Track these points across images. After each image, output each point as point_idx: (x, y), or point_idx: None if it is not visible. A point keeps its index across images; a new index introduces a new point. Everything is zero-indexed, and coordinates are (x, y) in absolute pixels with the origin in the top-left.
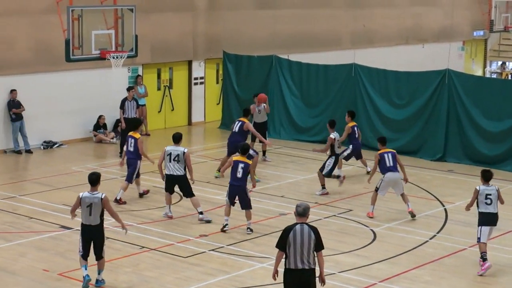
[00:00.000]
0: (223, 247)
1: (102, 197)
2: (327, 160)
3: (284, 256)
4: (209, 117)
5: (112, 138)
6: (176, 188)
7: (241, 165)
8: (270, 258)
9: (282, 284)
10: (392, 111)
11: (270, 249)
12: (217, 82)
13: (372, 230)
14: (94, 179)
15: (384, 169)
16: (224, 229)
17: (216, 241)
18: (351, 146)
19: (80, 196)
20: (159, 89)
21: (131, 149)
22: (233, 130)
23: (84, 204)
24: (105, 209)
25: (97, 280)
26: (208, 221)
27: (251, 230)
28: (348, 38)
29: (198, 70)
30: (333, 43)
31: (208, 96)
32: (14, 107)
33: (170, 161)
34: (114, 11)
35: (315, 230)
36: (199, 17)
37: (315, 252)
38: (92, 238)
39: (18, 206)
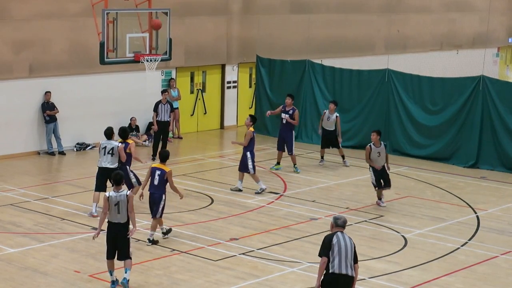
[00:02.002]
0: (253, 251)
1: (128, 194)
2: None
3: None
4: (242, 121)
5: (145, 141)
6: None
7: (157, 172)
8: (300, 262)
9: None
10: (426, 117)
11: (301, 253)
12: (250, 86)
13: (403, 236)
14: (119, 179)
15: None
16: (147, 243)
17: (246, 245)
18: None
19: (107, 196)
20: (192, 92)
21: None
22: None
23: (112, 203)
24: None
25: (123, 278)
26: None
27: (152, 241)
28: (382, 43)
29: (231, 74)
30: (367, 48)
31: (241, 100)
32: (48, 109)
33: (104, 154)
34: (148, 14)
35: (353, 241)
36: (233, 21)
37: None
38: (118, 236)
39: (51, 207)
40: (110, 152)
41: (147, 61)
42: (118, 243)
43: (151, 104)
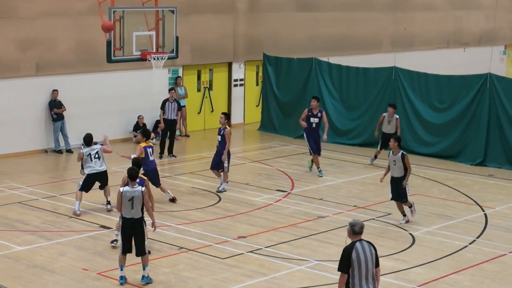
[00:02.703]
0: (261, 249)
1: (142, 190)
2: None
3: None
4: (249, 119)
5: (152, 139)
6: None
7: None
8: (308, 260)
9: (319, 287)
10: (433, 115)
11: (308, 251)
12: (257, 84)
13: (411, 234)
14: (134, 174)
15: None
16: (112, 244)
17: (254, 243)
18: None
19: (121, 191)
20: (199, 90)
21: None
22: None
23: (126, 198)
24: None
25: (143, 276)
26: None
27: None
28: (388, 41)
29: (238, 72)
30: (373, 46)
31: (248, 98)
32: (56, 107)
33: (91, 160)
34: (155, 12)
35: (373, 245)
36: (239, 19)
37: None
38: (133, 231)
39: (59, 205)
40: (97, 156)
41: (154, 59)
42: (135, 239)
43: (158, 102)
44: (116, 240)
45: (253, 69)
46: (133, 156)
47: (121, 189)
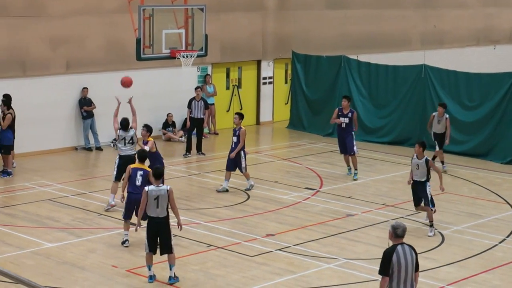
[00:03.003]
0: (289, 246)
1: (168, 189)
2: (426, 188)
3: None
4: (277, 117)
5: (181, 137)
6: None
7: (140, 173)
8: (337, 259)
9: (348, 285)
10: (462, 113)
11: (337, 250)
12: (286, 82)
13: (440, 232)
14: (159, 173)
15: None
16: (124, 244)
17: (283, 241)
18: None
19: (147, 190)
20: (228, 88)
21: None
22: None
23: (151, 197)
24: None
25: (170, 277)
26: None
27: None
28: (418, 39)
29: (267, 69)
30: (403, 44)
31: (277, 95)
32: (85, 105)
33: (125, 145)
34: (184, 10)
35: (414, 249)
36: (268, 16)
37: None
38: (159, 231)
39: (88, 202)
40: (130, 141)
41: (183, 57)
42: (160, 237)
43: (187, 100)
44: (127, 240)
45: (282, 67)
46: (146, 147)
47: (147, 188)
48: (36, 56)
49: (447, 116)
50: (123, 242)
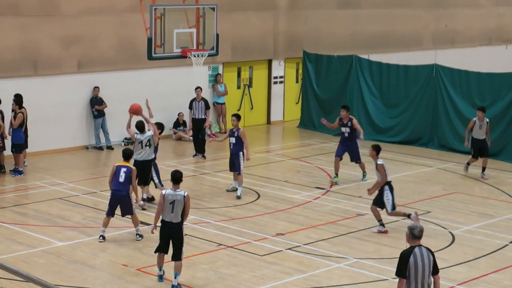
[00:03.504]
0: (299, 246)
1: (185, 195)
2: (383, 192)
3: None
4: (288, 116)
5: (191, 136)
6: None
7: (123, 170)
8: (347, 258)
9: (358, 285)
10: (474, 113)
11: (347, 249)
12: (297, 82)
13: (450, 232)
14: (178, 177)
15: None
16: (99, 239)
17: (293, 240)
18: None
19: (163, 193)
20: (239, 87)
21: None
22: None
23: (167, 201)
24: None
25: (172, 286)
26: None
27: (141, 236)
28: (429, 38)
29: (278, 69)
30: (414, 43)
31: (288, 95)
32: (97, 104)
33: (142, 148)
34: (196, 10)
35: (432, 252)
36: (280, 16)
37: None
38: (172, 236)
39: (99, 201)
40: (147, 144)
41: (194, 56)
42: (173, 243)
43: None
44: (103, 236)
45: (293, 67)
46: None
47: (164, 192)
48: (48, 56)
49: (487, 120)
50: (100, 237)
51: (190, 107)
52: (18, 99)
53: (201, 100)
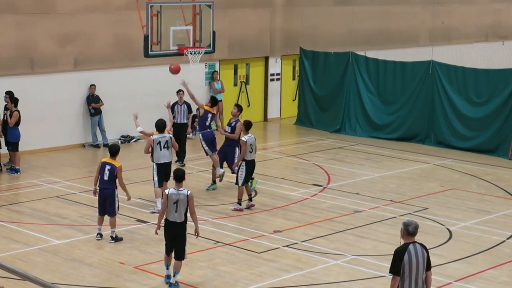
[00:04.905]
0: (297, 243)
1: (188, 194)
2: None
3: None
4: (285, 114)
5: (188, 134)
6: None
7: (107, 167)
8: (344, 255)
9: (355, 282)
10: (470, 109)
11: (345, 246)
12: (293, 79)
13: (448, 229)
14: (180, 175)
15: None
16: (97, 238)
17: (290, 237)
18: None
19: (167, 193)
20: (235, 85)
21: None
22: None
23: (171, 201)
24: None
25: (170, 284)
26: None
27: (114, 238)
28: (426, 35)
29: (275, 66)
30: (411, 40)
31: (284, 92)
32: (93, 102)
33: (161, 149)
34: (192, 7)
35: (426, 248)
36: (276, 13)
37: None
38: (175, 235)
39: (96, 199)
40: (166, 146)
41: (191, 53)
42: (175, 242)
43: (196, 96)
44: (100, 234)
45: (290, 64)
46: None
47: (167, 191)
48: (44, 53)
49: None
50: (97, 235)
51: (172, 111)
52: (14, 98)
53: (183, 103)
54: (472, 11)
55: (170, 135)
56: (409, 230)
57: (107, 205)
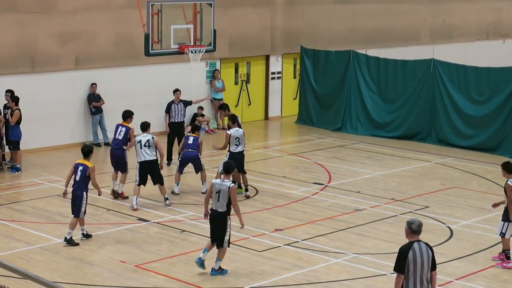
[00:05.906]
0: (298, 241)
1: (230, 186)
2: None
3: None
4: (286, 112)
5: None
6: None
7: (80, 168)
8: (345, 253)
9: (356, 280)
10: (471, 107)
11: (346, 244)
12: (294, 77)
13: (449, 227)
14: (228, 168)
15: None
16: (81, 238)
17: (291, 236)
18: None
19: (212, 182)
20: (236, 83)
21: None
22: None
23: (214, 190)
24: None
25: (212, 269)
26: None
27: (85, 236)
28: (427, 33)
29: (276, 64)
30: (412, 38)
31: (285, 91)
32: (94, 101)
33: (141, 148)
34: (193, 5)
35: (431, 247)
36: (277, 11)
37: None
38: (217, 224)
39: (97, 198)
40: (146, 145)
41: (192, 52)
42: (217, 230)
43: (196, 95)
44: (87, 236)
45: (291, 62)
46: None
47: (213, 180)
48: (45, 52)
49: None
50: (65, 239)
51: (168, 110)
52: (15, 96)
53: (180, 102)
54: (473, 9)
55: (153, 136)
56: (413, 228)
57: (75, 206)
